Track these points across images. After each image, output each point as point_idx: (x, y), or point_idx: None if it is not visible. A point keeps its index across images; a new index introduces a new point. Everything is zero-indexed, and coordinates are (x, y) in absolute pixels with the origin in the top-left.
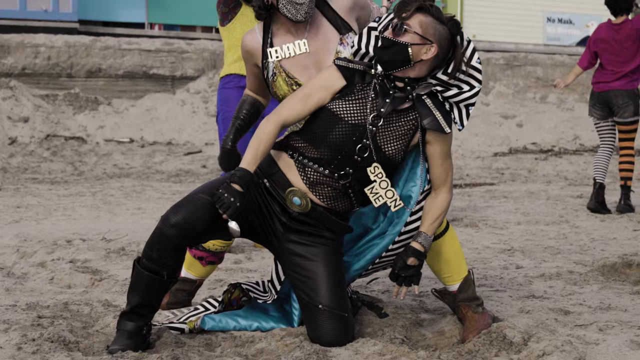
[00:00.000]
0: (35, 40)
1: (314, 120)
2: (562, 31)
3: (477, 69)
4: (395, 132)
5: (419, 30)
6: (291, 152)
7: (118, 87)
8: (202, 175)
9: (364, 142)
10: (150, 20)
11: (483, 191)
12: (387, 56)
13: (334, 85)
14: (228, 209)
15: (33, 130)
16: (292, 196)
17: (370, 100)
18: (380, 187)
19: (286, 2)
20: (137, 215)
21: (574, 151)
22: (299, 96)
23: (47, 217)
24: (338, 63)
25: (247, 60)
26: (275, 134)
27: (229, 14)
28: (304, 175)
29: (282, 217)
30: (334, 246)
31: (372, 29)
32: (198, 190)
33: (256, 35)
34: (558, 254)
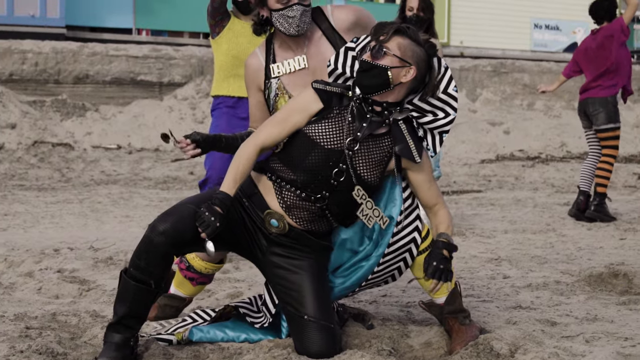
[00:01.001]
0: (23, 46)
1: (291, 144)
2: (549, 37)
3: (452, 97)
4: (371, 157)
5: (397, 53)
6: (270, 175)
7: (105, 93)
8: (190, 182)
9: (340, 166)
10: (138, 25)
11: (470, 198)
12: (366, 79)
13: (310, 108)
14: (207, 227)
15: (20, 136)
16: (270, 218)
17: (347, 124)
18: (367, 207)
19: (278, 15)
20: (125, 224)
21: (560, 158)
22: (277, 119)
23: (35, 225)
24: (316, 86)
25: (252, 85)
26: (254, 157)
27: (216, 27)
28: (280, 198)
29: (266, 232)
30: (318, 259)
31: (349, 49)
32: (186, 200)
33: (258, 56)
34: (545, 263)
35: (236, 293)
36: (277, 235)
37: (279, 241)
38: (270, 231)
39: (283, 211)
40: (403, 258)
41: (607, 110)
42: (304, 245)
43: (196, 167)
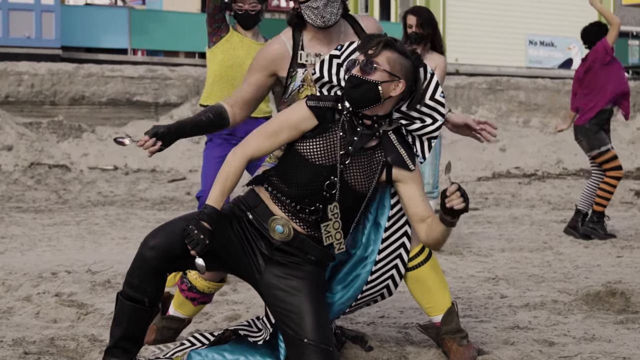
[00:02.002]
0: (19, 67)
1: (285, 159)
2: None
3: (440, 103)
4: (363, 169)
5: (387, 67)
6: (266, 186)
7: (102, 114)
8: (187, 203)
9: (332, 178)
10: (133, 46)
11: (467, 217)
12: (357, 95)
13: (303, 125)
14: (197, 245)
15: (17, 158)
16: (275, 224)
17: (338, 139)
18: (333, 227)
19: (304, 7)
20: (122, 245)
21: (557, 175)
22: (267, 132)
23: (32, 248)
24: (310, 104)
25: (265, 67)
26: (242, 169)
27: (213, 36)
28: (282, 207)
29: (264, 250)
30: (316, 280)
31: (334, 56)
32: (177, 217)
33: (284, 43)
34: (542, 282)
35: (234, 315)
36: (279, 247)
37: (278, 260)
38: (275, 240)
39: (288, 217)
40: (395, 265)
41: (587, 139)
42: (306, 259)
43: (193, 188)
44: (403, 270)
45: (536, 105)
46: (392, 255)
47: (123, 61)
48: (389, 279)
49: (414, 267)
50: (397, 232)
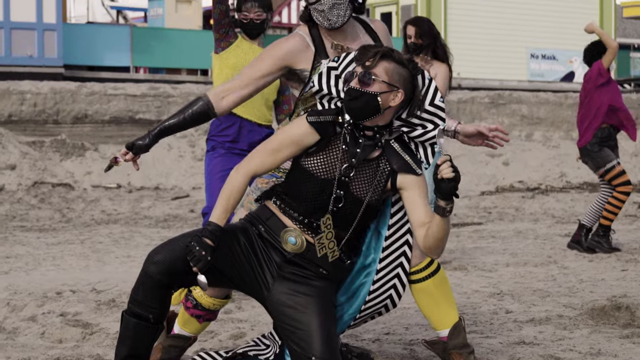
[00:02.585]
0: (21, 87)
1: (291, 175)
2: (546, 67)
3: (440, 108)
4: (368, 180)
5: (385, 78)
6: (275, 200)
7: (104, 132)
8: (190, 220)
9: (338, 192)
10: (136, 63)
11: (471, 231)
12: (356, 107)
13: (305, 140)
14: (199, 262)
15: (20, 177)
16: (288, 236)
17: (341, 152)
18: (326, 237)
19: (312, 9)
20: (127, 264)
21: (560, 189)
22: (270, 149)
23: (37, 268)
24: (311, 120)
25: (281, 59)
26: (245, 186)
27: (222, 41)
28: (292, 218)
29: (275, 263)
30: (325, 296)
31: (332, 68)
32: (182, 234)
33: (304, 39)
34: (547, 296)
35: (239, 334)
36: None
37: (286, 276)
38: (287, 252)
39: (300, 229)
40: (397, 274)
41: (591, 159)
42: (316, 273)
43: (196, 205)
44: (405, 280)
45: (538, 118)
46: (394, 264)
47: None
48: (391, 289)
49: (423, 279)
50: (397, 240)
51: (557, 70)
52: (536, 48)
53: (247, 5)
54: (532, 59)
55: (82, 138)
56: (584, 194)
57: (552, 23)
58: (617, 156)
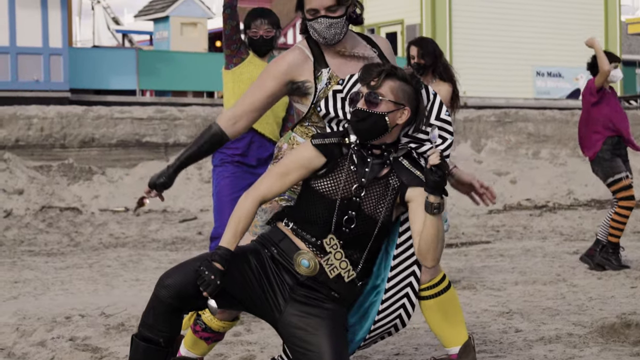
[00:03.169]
0: (28, 111)
1: (302, 198)
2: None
3: (447, 121)
4: (378, 199)
5: (391, 97)
6: (286, 221)
7: (112, 156)
8: (198, 243)
9: (350, 213)
10: (142, 87)
11: (479, 250)
12: (364, 128)
13: (313, 164)
14: (208, 286)
15: (28, 202)
16: (301, 259)
17: (350, 172)
18: (335, 258)
19: (309, 25)
20: (135, 287)
21: (568, 206)
22: (278, 173)
23: (45, 292)
24: (315, 142)
25: (283, 74)
26: (254, 210)
27: (234, 57)
28: (304, 241)
29: (287, 285)
30: (337, 319)
31: (337, 91)
32: (193, 257)
33: (304, 51)
34: (557, 315)
35: (249, 356)
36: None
37: (298, 299)
38: (300, 275)
39: (312, 252)
40: (406, 294)
41: (601, 167)
42: (328, 296)
43: (204, 227)
44: (415, 300)
45: (545, 136)
46: (403, 283)
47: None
48: (400, 308)
49: (434, 295)
50: (406, 260)
51: (563, 88)
52: (542, 65)
53: (256, 23)
54: (538, 77)
55: (89, 162)
56: (591, 211)
57: (557, 40)
58: (629, 170)
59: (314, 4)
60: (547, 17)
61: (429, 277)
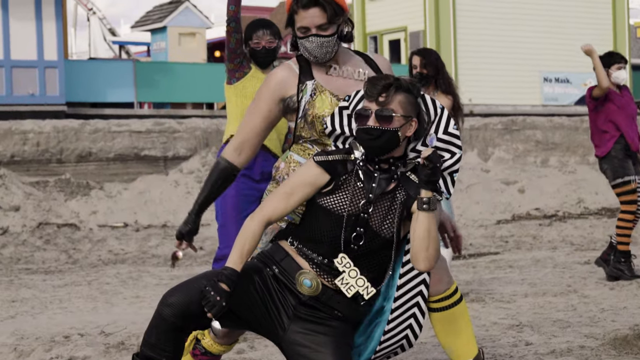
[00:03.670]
0: (23, 126)
1: (308, 217)
2: (560, 90)
3: (455, 135)
4: (386, 214)
5: (401, 112)
6: (291, 240)
7: (109, 170)
8: (200, 258)
9: (358, 229)
10: (139, 99)
11: (488, 261)
12: (378, 145)
13: (317, 181)
14: (213, 307)
15: (24, 219)
16: (303, 278)
17: (357, 189)
18: (349, 276)
19: (299, 43)
20: (135, 305)
21: (578, 215)
22: (282, 193)
23: (43, 311)
24: (318, 159)
25: (273, 93)
26: (260, 232)
27: (236, 71)
28: (308, 260)
29: (290, 304)
30: (342, 336)
31: (343, 108)
32: (198, 275)
33: (292, 67)
34: (568, 327)
35: None
36: (306, 302)
37: (303, 317)
38: (302, 295)
39: (315, 272)
40: (413, 314)
41: (611, 165)
42: (332, 315)
43: (205, 242)
44: (422, 320)
45: (554, 144)
46: (410, 302)
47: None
48: (407, 329)
49: (445, 307)
50: (414, 279)
51: (571, 94)
52: (549, 71)
53: (258, 34)
54: (546, 83)
55: (87, 177)
56: (602, 219)
57: (564, 45)
58: (638, 174)
59: (305, 22)
60: (553, 21)
61: (443, 288)
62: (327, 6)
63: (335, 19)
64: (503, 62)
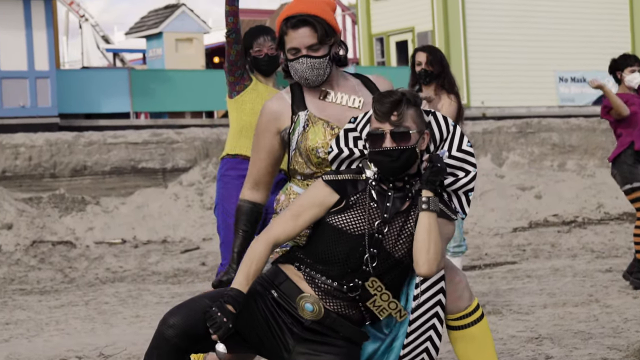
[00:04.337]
0: (14, 140)
1: (317, 237)
2: (576, 90)
3: (469, 153)
4: (400, 234)
5: (415, 127)
6: (298, 265)
7: (105, 184)
8: (202, 274)
9: (371, 251)
10: (136, 109)
11: (505, 271)
12: (398, 166)
13: (327, 201)
14: (219, 329)
15: (18, 237)
16: (304, 302)
17: (371, 208)
18: (381, 299)
19: (290, 65)
20: (135, 325)
21: (598, 221)
22: (290, 214)
23: (39, 333)
24: (326, 178)
25: (269, 126)
26: (266, 254)
27: (236, 85)
28: (313, 285)
29: (293, 329)
30: (347, 357)
31: (350, 130)
32: (199, 295)
33: (284, 97)
34: (590, 339)
35: None
36: (309, 327)
37: (308, 338)
38: (304, 318)
39: (317, 296)
40: (429, 337)
41: (621, 171)
42: (337, 335)
43: (208, 257)
44: (439, 342)
45: (571, 146)
46: (425, 325)
47: (125, 126)
48: (424, 352)
49: (467, 325)
50: (429, 300)
51: (589, 94)
52: (565, 71)
53: (258, 41)
54: (561, 83)
55: (82, 191)
56: (624, 225)
57: (580, 43)
58: None
59: (294, 42)
60: (568, 18)
61: (464, 304)
62: (318, 26)
63: (326, 39)
64: (516, 61)
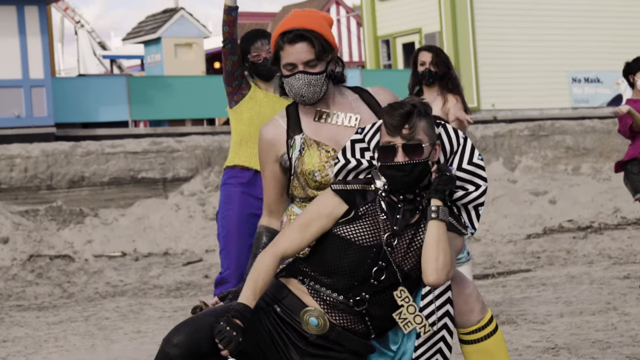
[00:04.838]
0: (10, 151)
1: (323, 249)
2: (590, 91)
3: (479, 166)
4: (410, 247)
5: (426, 140)
6: (301, 278)
7: (104, 195)
8: (205, 287)
9: (380, 264)
10: (134, 117)
11: (519, 279)
12: (411, 180)
13: (335, 211)
14: (229, 343)
15: (14, 251)
16: (309, 316)
17: (381, 220)
18: (408, 311)
19: (286, 82)
20: (137, 340)
21: (615, 226)
22: (298, 225)
23: (37, 351)
24: (335, 188)
25: (268, 154)
26: (274, 267)
27: (235, 95)
28: (318, 298)
29: (298, 344)
30: None
31: (356, 141)
32: (202, 312)
33: (279, 122)
34: (608, 348)
35: None
36: (315, 339)
37: (313, 352)
38: (309, 333)
39: (322, 309)
40: (439, 349)
41: (630, 180)
42: (342, 348)
43: (211, 270)
44: (449, 354)
45: (585, 149)
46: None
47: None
48: None
49: (481, 339)
50: (436, 311)
51: (603, 94)
52: (578, 71)
53: (256, 45)
54: (575, 84)
55: (80, 203)
56: None
57: (593, 42)
58: None
59: (291, 58)
60: (581, 16)
61: (475, 319)
62: (315, 41)
63: (323, 55)
64: (527, 62)
